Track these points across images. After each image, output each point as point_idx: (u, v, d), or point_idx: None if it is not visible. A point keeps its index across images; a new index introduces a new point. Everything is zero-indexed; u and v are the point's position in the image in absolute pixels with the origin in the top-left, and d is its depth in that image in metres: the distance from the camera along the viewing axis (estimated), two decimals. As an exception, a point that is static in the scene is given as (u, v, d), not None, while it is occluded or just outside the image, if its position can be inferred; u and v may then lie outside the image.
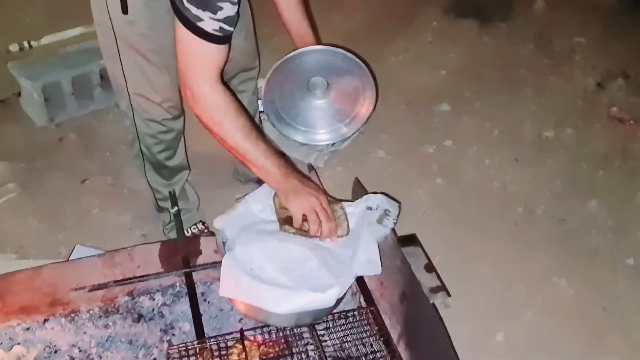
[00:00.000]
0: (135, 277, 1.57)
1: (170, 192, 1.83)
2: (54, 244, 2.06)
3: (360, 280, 1.57)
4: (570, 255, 2.11)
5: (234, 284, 1.27)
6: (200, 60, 1.25)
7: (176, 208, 1.72)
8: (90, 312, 1.68)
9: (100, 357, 1.59)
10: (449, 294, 1.32)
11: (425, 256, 1.41)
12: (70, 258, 1.94)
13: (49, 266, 1.56)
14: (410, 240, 1.45)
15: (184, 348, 1.33)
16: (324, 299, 1.27)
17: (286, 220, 1.41)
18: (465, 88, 2.93)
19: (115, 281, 1.55)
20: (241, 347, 1.33)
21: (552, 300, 1.96)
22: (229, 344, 1.36)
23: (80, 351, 1.60)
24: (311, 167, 2.08)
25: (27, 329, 1.62)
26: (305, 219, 1.38)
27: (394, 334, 1.49)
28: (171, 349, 1.33)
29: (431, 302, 1.30)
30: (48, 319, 1.64)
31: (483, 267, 2.06)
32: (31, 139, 2.50)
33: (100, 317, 1.67)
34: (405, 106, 2.81)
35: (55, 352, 1.59)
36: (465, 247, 2.13)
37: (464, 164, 2.52)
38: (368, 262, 1.37)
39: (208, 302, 1.71)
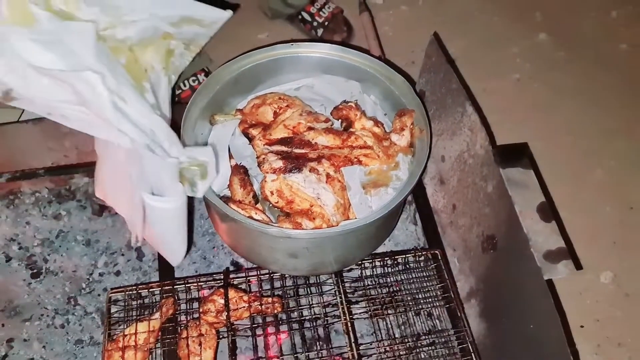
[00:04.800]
0: (78, 165, 1.05)
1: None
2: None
3: (419, 198, 1.02)
4: None
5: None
6: None
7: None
8: (37, 195, 1.21)
9: (46, 261, 1.15)
10: (578, 265, 0.76)
11: (540, 187, 0.82)
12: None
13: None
14: (517, 155, 0.84)
15: (134, 292, 0.85)
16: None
17: None
18: None
19: (48, 169, 1.04)
20: (222, 301, 0.84)
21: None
22: (207, 293, 0.87)
23: (20, 249, 1.17)
24: (364, 5, 1.41)
25: (-50, 209, 1.18)
26: None
27: (463, 286, 0.97)
28: (115, 292, 0.85)
29: (545, 277, 0.75)
30: (-22, 200, 1.19)
31: (592, 171, 1.47)
32: None
33: (50, 203, 1.21)
34: None
35: (-13, 246, 1.16)
36: (569, 140, 1.53)
37: (581, 14, 1.81)
38: None
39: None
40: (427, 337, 0.86)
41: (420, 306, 0.88)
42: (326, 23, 1.63)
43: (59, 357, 1.04)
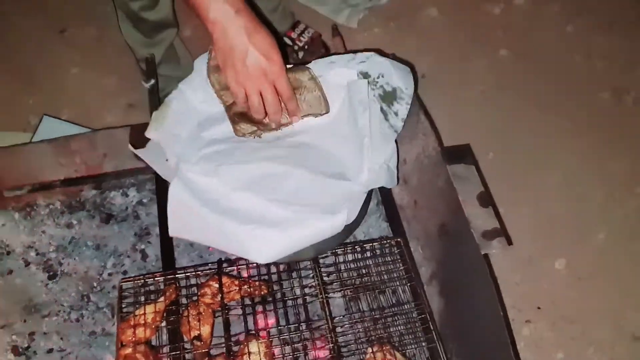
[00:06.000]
0: (89, 177, 1.22)
1: (147, 58, 1.40)
2: (22, 111, 1.71)
3: (386, 197, 1.17)
4: (664, 162, 1.64)
5: (188, 220, 0.89)
6: None
7: (152, 82, 1.30)
8: (50, 206, 1.36)
9: (61, 264, 1.29)
10: (509, 241, 0.92)
11: (480, 181, 0.98)
12: (36, 131, 1.58)
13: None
14: (461, 154, 1.01)
15: (142, 281, 1.00)
16: (325, 229, 0.89)
17: (240, 115, 1.00)
18: None
19: (63, 181, 1.20)
20: (217, 285, 0.99)
21: (633, 219, 1.54)
22: (203, 279, 1.02)
23: (37, 254, 1.31)
24: (336, 30, 1.58)
25: (-26, 223, 1.33)
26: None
27: (426, 271, 1.13)
28: (125, 282, 1.00)
29: (483, 252, 0.90)
30: (-2, 213, 1.33)
31: (550, 169, 1.64)
32: (-2, -27, 2.04)
33: (62, 213, 1.36)
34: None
35: (8, 253, 1.31)
36: (529, 142, 1.69)
37: (539, 30, 1.97)
38: (382, 168, 0.96)
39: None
40: (391, 310, 1.01)
41: (385, 285, 1.04)
42: (306, 47, 1.80)
43: (75, 347, 1.18)
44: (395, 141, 0.98)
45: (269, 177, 0.91)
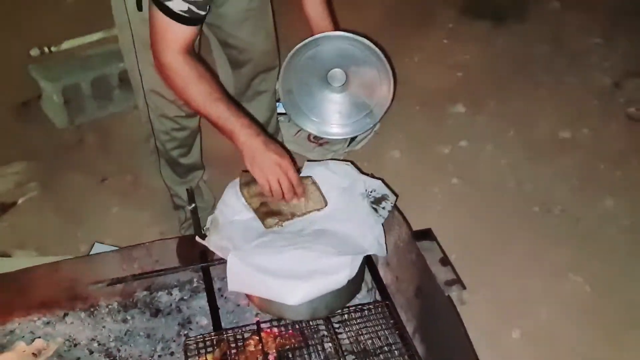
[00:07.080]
0: (153, 272, 1.59)
1: (187, 190, 1.86)
2: (73, 242, 2.10)
3: (375, 275, 1.57)
4: (587, 254, 2.08)
5: (241, 278, 1.30)
6: (165, 36, 1.34)
7: (193, 205, 1.74)
8: (109, 306, 1.70)
9: (119, 351, 1.61)
10: (464, 287, 1.33)
11: (440, 250, 1.41)
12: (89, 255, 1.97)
13: (68, 261, 1.60)
14: (425, 234, 1.45)
15: (201, 339, 1.35)
16: (335, 281, 1.29)
17: (265, 213, 1.43)
18: (480, 89, 2.91)
19: (134, 275, 1.57)
20: (257, 339, 1.35)
21: (569, 297, 1.95)
22: (246, 335, 1.38)
23: (99, 345, 1.62)
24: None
25: (48, 323, 1.65)
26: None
27: (410, 328, 1.49)
28: (189, 341, 1.35)
29: (446, 294, 1.31)
30: (68, 314, 1.67)
31: (498, 265, 2.06)
32: (52, 140, 2.56)
33: (119, 311, 1.70)
34: (420, 107, 2.80)
35: (75, 345, 1.62)
36: (480, 246, 2.13)
37: (480, 164, 2.51)
38: (375, 241, 1.40)
39: (225, 298, 1.72)
40: (385, 347, 1.37)
41: (379, 333, 1.40)
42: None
43: (135, 418, 1.47)
44: (382, 225, 1.42)
45: (296, 251, 1.33)
